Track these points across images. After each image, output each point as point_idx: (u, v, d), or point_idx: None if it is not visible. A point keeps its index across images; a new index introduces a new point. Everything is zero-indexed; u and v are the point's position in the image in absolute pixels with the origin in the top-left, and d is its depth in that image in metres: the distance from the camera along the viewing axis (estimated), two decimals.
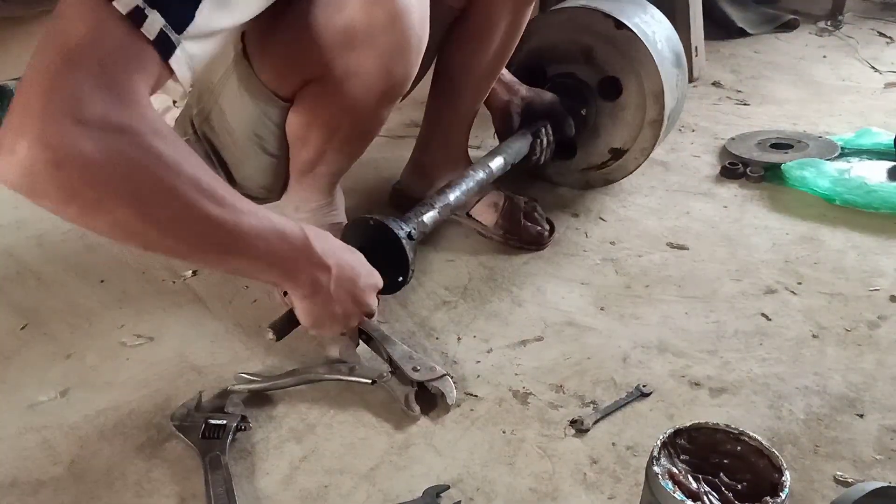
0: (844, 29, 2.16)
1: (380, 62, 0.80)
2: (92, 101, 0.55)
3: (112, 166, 0.57)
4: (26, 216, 1.26)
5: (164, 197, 0.61)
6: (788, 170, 1.33)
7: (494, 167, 1.08)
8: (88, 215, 0.59)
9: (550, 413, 0.85)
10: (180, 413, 0.82)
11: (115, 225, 0.61)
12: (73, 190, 0.56)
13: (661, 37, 1.23)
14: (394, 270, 0.90)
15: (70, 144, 0.55)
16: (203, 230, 0.65)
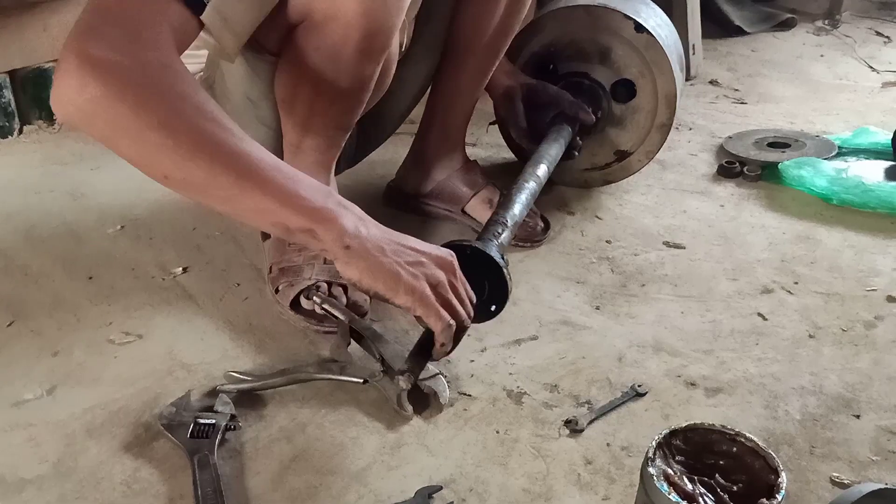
0: (842, 28, 2.16)
1: (359, 3, 0.78)
2: (116, 45, 0.63)
3: (123, 95, 0.63)
4: (14, 209, 1.25)
5: (172, 124, 0.65)
6: (785, 169, 1.33)
7: (542, 175, 1.02)
8: (111, 141, 0.67)
9: (545, 413, 0.84)
10: (169, 412, 0.81)
11: (132, 153, 0.68)
12: (93, 116, 0.65)
13: (671, 40, 1.23)
14: (488, 298, 0.83)
15: (90, 78, 0.63)
16: (215, 154, 0.66)
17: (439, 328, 0.74)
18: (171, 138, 0.65)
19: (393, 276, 0.72)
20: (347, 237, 0.70)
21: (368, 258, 0.71)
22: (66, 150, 1.45)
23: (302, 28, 0.83)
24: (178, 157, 0.66)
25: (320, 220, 0.69)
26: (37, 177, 1.36)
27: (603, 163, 1.27)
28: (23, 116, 1.50)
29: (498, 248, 0.85)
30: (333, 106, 0.90)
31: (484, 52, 1.11)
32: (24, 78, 1.47)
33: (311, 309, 0.96)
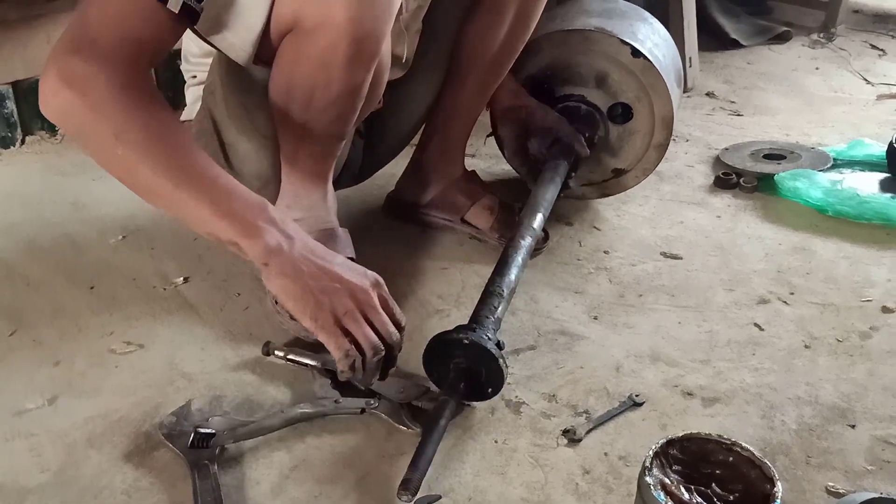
0: (837, 41, 2.18)
1: (345, 9, 0.79)
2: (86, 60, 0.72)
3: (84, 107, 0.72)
4: (16, 219, 1.26)
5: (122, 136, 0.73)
6: (781, 180, 1.34)
7: (538, 226, 1.03)
8: (79, 142, 0.76)
9: (543, 422, 0.85)
10: (169, 421, 0.81)
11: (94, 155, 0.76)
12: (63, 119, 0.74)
13: (669, 59, 1.23)
14: (486, 383, 0.84)
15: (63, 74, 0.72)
16: (157, 163, 0.74)
17: (337, 356, 0.77)
18: (120, 148, 0.73)
19: (301, 299, 0.75)
20: (267, 255, 0.75)
21: (284, 278, 0.75)
22: (67, 160, 1.46)
23: (292, 36, 0.84)
24: (126, 165, 0.74)
25: (245, 235, 0.75)
26: (38, 187, 1.36)
27: (600, 179, 1.28)
28: (25, 127, 1.51)
29: (494, 327, 0.86)
30: (326, 113, 0.90)
31: (486, 70, 1.12)
32: (27, 89, 1.48)
33: None
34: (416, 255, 1.16)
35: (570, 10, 1.26)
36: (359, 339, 0.77)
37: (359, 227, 1.15)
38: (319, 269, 0.77)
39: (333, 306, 0.76)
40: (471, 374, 0.83)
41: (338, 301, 0.76)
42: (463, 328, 0.84)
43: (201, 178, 0.75)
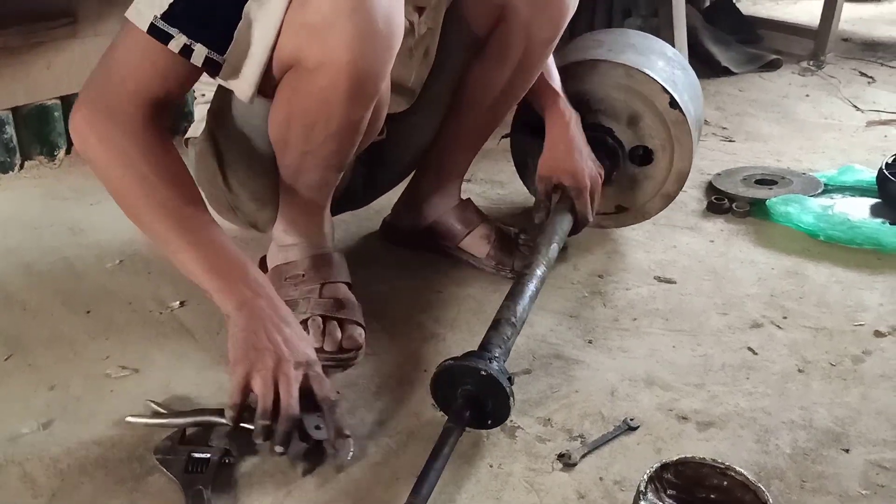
0: (826, 69, 2.22)
1: (345, 50, 0.81)
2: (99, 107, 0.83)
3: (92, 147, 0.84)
4: (14, 244, 1.26)
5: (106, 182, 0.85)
6: (773, 205, 1.35)
7: (553, 255, 1.03)
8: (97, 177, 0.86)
9: (538, 447, 0.85)
10: (163, 446, 0.81)
11: (108, 190, 0.86)
12: (84, 155, 0.86)
13: (698, 113, 1.23)
14: (488, 415, 0.84)
15: (80, 125, 0.84)
16: (154, 212, 0.84)
17: (228, 404, 0.81)
18: (120, 193, 0.85)
19: (235, 346, 0.82)
20: (233, 310, 0.84)
21: (234, 327, 0.83)
22: (66, 185, 1.47)
23: (293, 72, 0.86)
24: (126, 208, 0.85)
25: (219, 291, 0.84)
26: (37, 212, 1.37)
27: (601, 211, 1.26)
28: (24, 152, 1.52)
29: (504, 357, 0.86)
30: (325, 147, 0.92)
31: (485, 112, 1.13)
32: (27, 114, 1.50)
33: None
34: (411, 279, 1.17)
35: (618, 41, 1.26)
36: (258, 397, 0.79)
37: (355, 251, 1.16)
38: (264, 330, 0.82)
39: (253, 362, 0.80)
40: (477, 403, 0.82)
41: (260, 359, 0.80)
42: (476, 356, 0.83)
43: (196, 231, 0.84)
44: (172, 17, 0.80)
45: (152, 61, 0.82)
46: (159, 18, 0.80)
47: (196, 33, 0.80)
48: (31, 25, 1.44)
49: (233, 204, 1.06)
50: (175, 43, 0.80)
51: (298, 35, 0.82)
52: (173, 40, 0.80)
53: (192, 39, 0.80)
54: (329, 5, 0.80)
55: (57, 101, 1.52)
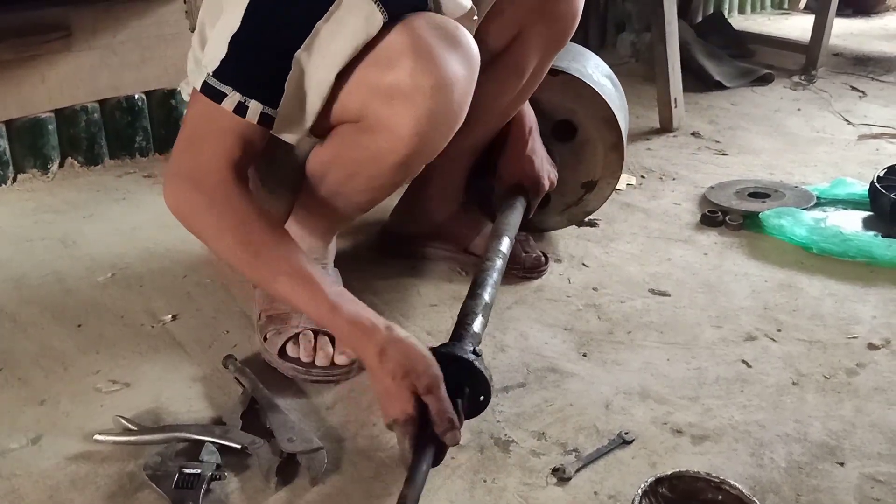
0: (818, 83, 2.23)
1: (414, 124, 0.83)
2: (177, 171, 0.85)
3: (185, 216, 0.86)
4: (5, 257, 1.25)
5: (208, 242, 0.88)
6: (766, 218, 1.36)
7: (506, 250, 1.05)
8: (193, 234, 0.88)
9: (532, 461, 0.84)
10: (154, 461, 0.80)
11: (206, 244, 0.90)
12: (178, 217, 0.87)
13: (592, 67, 1.27)
14: (473, 393, 0.84)
15: (172, 200, 0.86)
16: (247, 276, 0.90)
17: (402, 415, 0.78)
18: (217, 248, 0.86)
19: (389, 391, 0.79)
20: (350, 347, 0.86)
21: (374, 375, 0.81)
22: (58, 198, 1.47)
23: (355, 125, 0.87)
24: (225, 258, 0.88)
25: (326, 326, 0.89)
26: (29, 225, 1.37)
27: (575, 198, 1.30)
28: (17, 165, 1.52)
29: (472, 341, 0.86)
30: (361, 195, 0.95)
31: (495, 119, 1.15)
32: (20, 128, 1.50)
33: (296, 357, 0.96)
34: (405, 291, 1.17)
35: None
36: (436, 409, 0.77)
37: (347, 263, 1.16)
38: (401, 358, 0.79)
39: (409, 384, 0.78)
40: (458, 391, 0.81)
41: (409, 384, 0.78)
42: (438, 349, 0.83)
43: (278, 286, 0.84)
44: (224, 74, 0.79)
45: (216, 124, 0.81)
46: (211, 76, 0.80)
47: (249, 89, 0.79)
48: (26, 39, 1.44)
49: None
50: (229, 101, 0.80)
51: (371, 95, 0.83)
52: (227, 98, 0.79)
53: (246, 96, 0.79)
54: (411, 78, 0.80)
55: (51, 114, 1.52)
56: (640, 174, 1.62)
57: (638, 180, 1.59)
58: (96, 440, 0.84)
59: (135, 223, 1.37)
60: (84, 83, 1.54)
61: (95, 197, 1.48)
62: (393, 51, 0.81)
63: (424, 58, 0.80)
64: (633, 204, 1.48)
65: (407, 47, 0.80)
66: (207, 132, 0.82)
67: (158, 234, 1.33)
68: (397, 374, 0.77)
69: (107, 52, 1.54)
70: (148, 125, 1.64)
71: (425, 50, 0.80)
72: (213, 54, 0.81)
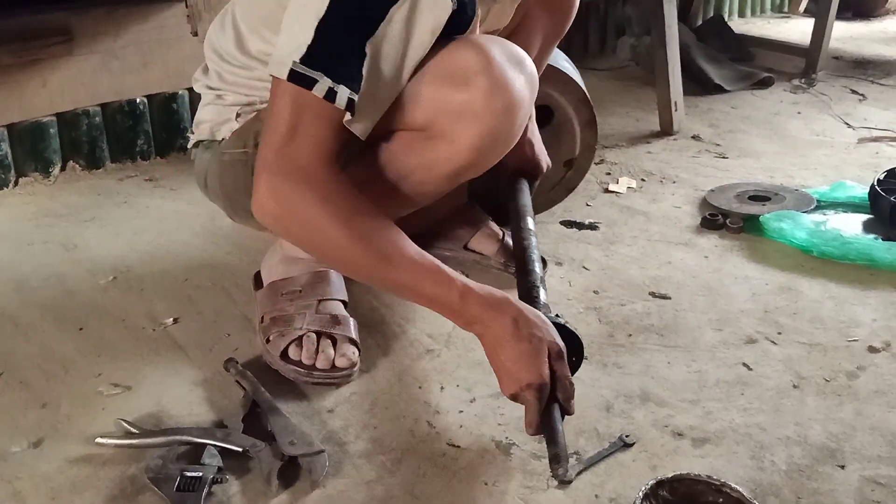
0: (818, 86, 2.24)
1: (477, 140, 0.86)
2: (278, 169, 0.81)
3: (285, 209, 0.82)
4: (6, 261, 1.26)
5: (314, 241, 0.84)
6: (766, 221, 1.36)
7: (534, 228, 1.10)
8: (288, 235, 0.89)
9: (533, 464, 0.84)
10: (155, 464, 0.80)
11: (300, 247, 0.92)
12: (267, 219, 0.85)
13: (555, 54, 1.32)
14: (577, 359, 0.90)
15: (272, 202, 0.82)
16: (355, 271, 0.88)
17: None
18: (325, 244, 0.84)
19: (521, 360, 0.82)
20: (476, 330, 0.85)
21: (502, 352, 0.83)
22: (59, 202, 1.47)
23: (417, 133, 0.88)
24: (332, 255, 0.86)
25: (449, 317, 0.86)
26: (30, 228, 1.37)
27: (559, 177, 1.36)
28: (18, 169, 1.52)
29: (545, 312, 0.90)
30: (396, 201, 0.95)
31: None
32: (22, 131, 1.50)
33: (298, 359, 0.96)
34: None
35: None
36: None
37: None
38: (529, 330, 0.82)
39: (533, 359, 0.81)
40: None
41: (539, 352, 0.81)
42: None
43: (397, 281, 0.84)
44: (312, 60, 0.78)
45: (310, 113, 0.79)
46: (299, 63, 0.78)
47: (337, 75, 0.78)
48: (27, 43, 1.44)
49: None
50: (319, 87, 0.78)
51: (440, 108, 0.86)
52: (318, 84, 0.78)
53: (335, 81, 0.78)
54: (484, 98, 0.84)
55: (52, 117, 1.52)
56: (641, 177, 1.62)
57: (638, 183, 1.59)
58: (98, 443, 0.84)
59: (136, 226, 1.38)
60: (85, 87, 1.54)
61: (97, 200, 1.48)
62: (468, 69, 0.84)
63: (498, 80, 0.84)
64: (633, 207, 1.48)
65: (482, 68, 0.84)
66: (303, 123, 0.80)
67: (159, 237, 1.33)
68: (533, 341, 0.79)
69: (108, 56, 1.55)
70: (149, 129, 1.64)
71: (498, 72, 0.84)
72: (295, 41, 0.79)
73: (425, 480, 0.82)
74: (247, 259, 1.25)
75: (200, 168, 1.09)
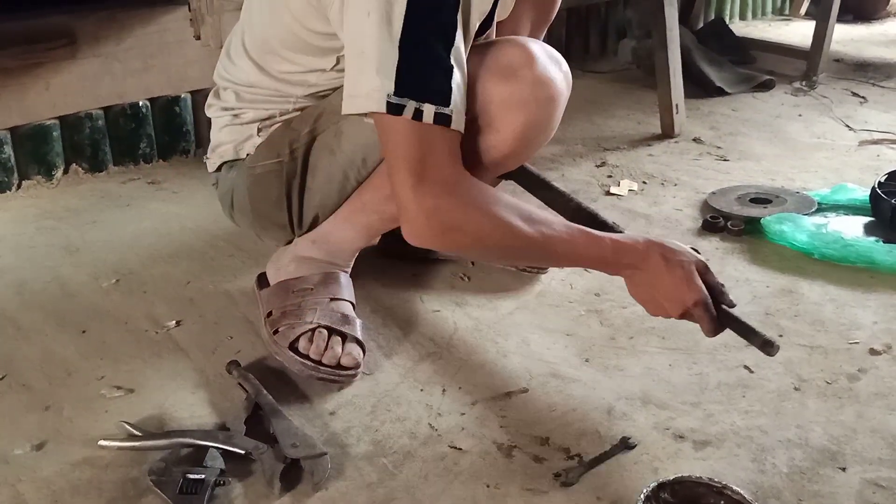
0: (819, 89, 2.24)
1: (522, 129, 0.91)
2: (424, 193, 0.84)
3: (445, 226, 0.85)
4: (8, 264, 1.26)
5: (484, 240, 0.87)
6: (767, 224, 1.36)
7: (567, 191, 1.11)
8: (453, 247, 0.93)
9: (535, 466, 0.84)
10: (157, 467, 0.81)
11: (466, 253, 1.03)
12: (433, 241, 0.88)
13: None
14: None
15: (438, 229, 0.85)
16: (522, 254, 0.96)
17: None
18: (493, 241, 0.87)
19: (658, 298, 0.92)
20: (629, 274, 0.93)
21: (644, 291, 0.93)
22: (62, 205, 1.48)
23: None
24: (501, 250, 0.90)
25: (605, 270, 0.94)
26: (33, 231, 1.37)
27: None
28: (21, 172, 1.52)
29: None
30: None
31: None
32: (24, 134, 1.51)
33: (307, 353, 0.96)
34: (407, 297, 1.17)
35: None
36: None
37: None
38: (676, 272, 0.90)
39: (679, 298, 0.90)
40: None
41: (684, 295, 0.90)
42: None
43: (562, 252, 0.90)
44: (401, 89, 0.81)
45: (406, 134, 0.82)
46: (393, 96, 0.81)
47: (420, 94, 0.81)
48: (30, 46, 1.45)
49: (293, 222, 1.05)
50: (407, 112, 0.81)
51: (490, 99, 0.89)
52: (405, 109, 0.81)
53: (419, 101, 0.82)
54: (531, 89, 0.89)
55: (55, 121, 1.53)
56: (642, 180, 1.62)
57: (639, 186, 1.59)
58: (100, 446, 0.85)
59: (138, 229, 1.38)
60: (88, 90, 1.55)
61: (99, 203, 1.49)
62: (514, 64, 0.90)
63: (542, 73, 0.91)
64: (634, 210, 1.48)
65: (527, 62, 0.90)
66: (430, 147, 0.83)
67: (162, 240, 1.34)
68: (685, 266, 0.88)
69: (110, 59, 1.55)
70: (152, 132, 1.65)
71: (542, 66, 0.91)
72: (381, 62, 0.81)
73: (427, 483, 0.82)
74: (248, 262, 1.25)
75: (226, 189, 1.08)
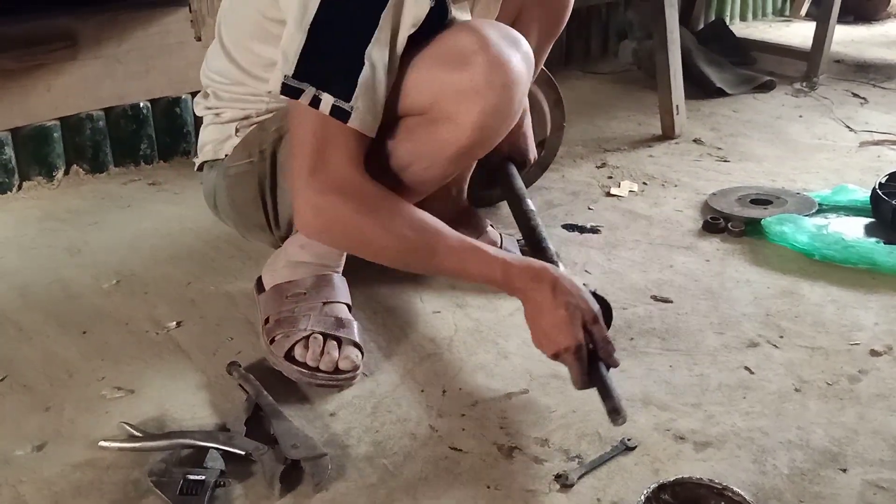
0: (819, 90, 2.24)
1: (480, 118, 0.88)
2: (315, 188, 0.86)
3: (328, 223, 0.87)
4: (10, 265, 1.26)
5: (369, 244, 0.88)
6: (768, 225, 1.36)
7: (535, 209, 1.13)
8: (336, 246, 0.97)
9: (535, 468, 0.84)
10: (158, 468, 0.81)
11: (351, 252, 0.98)
12: (318, 236, 0.91)
13: None
14: (607, 321, 0.93)
15: (320, 221, 0.87)
16: (408, 263, 0.93)
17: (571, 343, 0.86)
18: (379, 247, 0.89)
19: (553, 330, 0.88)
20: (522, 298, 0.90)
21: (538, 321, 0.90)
22: (63, 206, 1.48)
23: (420, 118, 0.90)
24: (385, 255, 0.91)
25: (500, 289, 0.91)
26: (34, 233, 1.37)
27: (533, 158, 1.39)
28: (22, 173, 1.53)
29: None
30: (405, 189, 0.95)
31: None
32: (26, 136, 1.51)
33: (303, 361, 0.97)
34: (407, 299, 1.17)
35: None
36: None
37: (348, 270, 1.16)
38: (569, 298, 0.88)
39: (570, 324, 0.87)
40: None
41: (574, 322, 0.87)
42: None
43: (447, 266, 0.90)
44: (301, 73, 0.83)
45: (308, 123, 0.84)
46: (291, 77, 0.83)
47: (319, 82, 0.82)
48: (31, 48, 1.45)
49: (270, 223, 1.06)
50: (305, 96, 0.82)
51: (441, 90, 0.87)
52: (303, 94, 0.82)
53: (318, 89, 0.82)
54: (484, 76, 0.85)
55: (56, 122, 1.53)
56: (643, 181, 1.62)
57: (640, 187, 1.59)
58: (101, 447, 0.85)
59: (139, 230, 1.38)
60: (89, 92, 1.55)
61: (100, 204, 1.49)
62: (466, 50, 0.86)
63: (496, 57, 0.86)
64: (635, 211, 1.48)
65: (479, 47, 0.86)
66: (326, 139, 0.84)
67: (163, 241, 1.34)
68: (570, 307, 0.85)
69: (112, 60, 1.56)
70: (152, 133, 1.65)
71: (496, 50, 0.86)
72: (287, 44, 0.83)
73: (427, 484, 0.82)
74: (249, 263, 1.25)
75: (209, 188, 1.10)
